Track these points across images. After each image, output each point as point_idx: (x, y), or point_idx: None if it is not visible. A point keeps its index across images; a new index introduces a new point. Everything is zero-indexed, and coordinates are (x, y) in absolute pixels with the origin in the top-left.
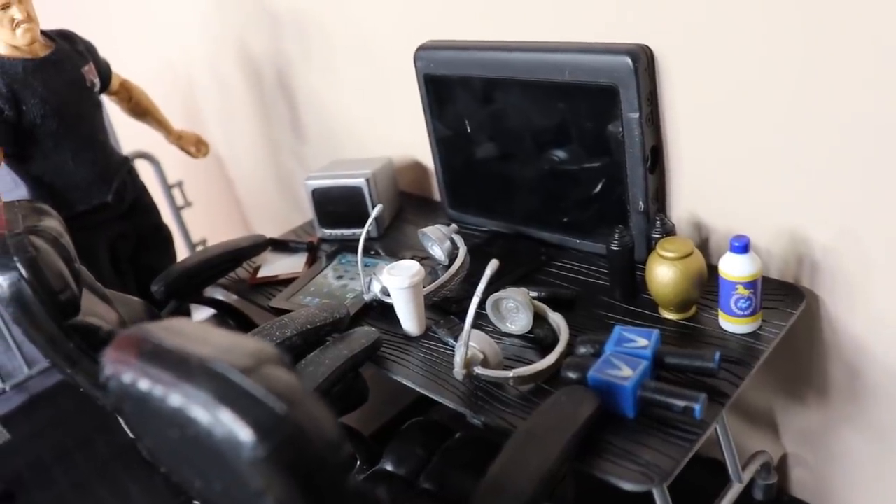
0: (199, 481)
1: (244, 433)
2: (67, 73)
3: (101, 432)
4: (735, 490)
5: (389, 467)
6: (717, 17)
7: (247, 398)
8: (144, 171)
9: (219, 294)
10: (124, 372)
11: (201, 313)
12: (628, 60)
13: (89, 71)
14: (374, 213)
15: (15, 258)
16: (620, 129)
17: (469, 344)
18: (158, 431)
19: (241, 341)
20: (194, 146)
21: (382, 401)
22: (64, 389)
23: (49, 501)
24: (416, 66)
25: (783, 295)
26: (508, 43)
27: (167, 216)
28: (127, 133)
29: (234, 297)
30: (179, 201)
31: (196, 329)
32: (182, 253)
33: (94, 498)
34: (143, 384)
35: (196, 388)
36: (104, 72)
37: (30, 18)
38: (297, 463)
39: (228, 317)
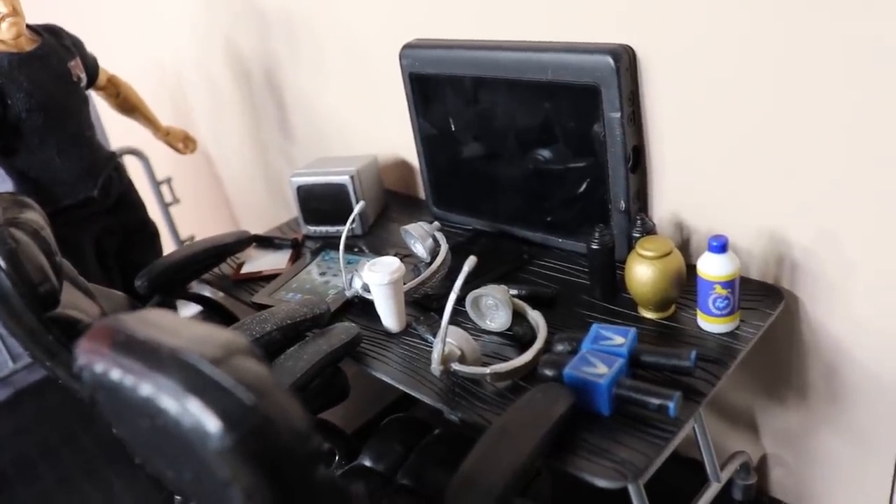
0: (171, 471)
1: (211, 423)
2: (53, 68)
3: (86, 427)
4: (713, 490)
5: (368, 463)
6: (699, 18)
7: (215, 388)
8: (133, 167)
9: (204, 290)
10: (96, 362)
11: (188, 310)
12: (610, 60)
13: (76, 66)
14: (356, 209)
15: None
16: (602, 129)
17: (447, 340)
18: (131, 421)
19: (213, 332)
20: (182, 143)
21: (366, 398)
22: (49, 384)
23: (34, 497)
24: (401, 65)
25: (762, 295)
26: (493, 42)
27: (155, 213)
28: (116, 129)
29: (218, 292)
30: (168, 198)
31: (170, 320)
32: (170, 249)
33: (78, 493)
34: (115, 374)
35: (166, 377)
36: (91, 67)
37: (15, 12)
38: (265, 453)
39: (213, 312)
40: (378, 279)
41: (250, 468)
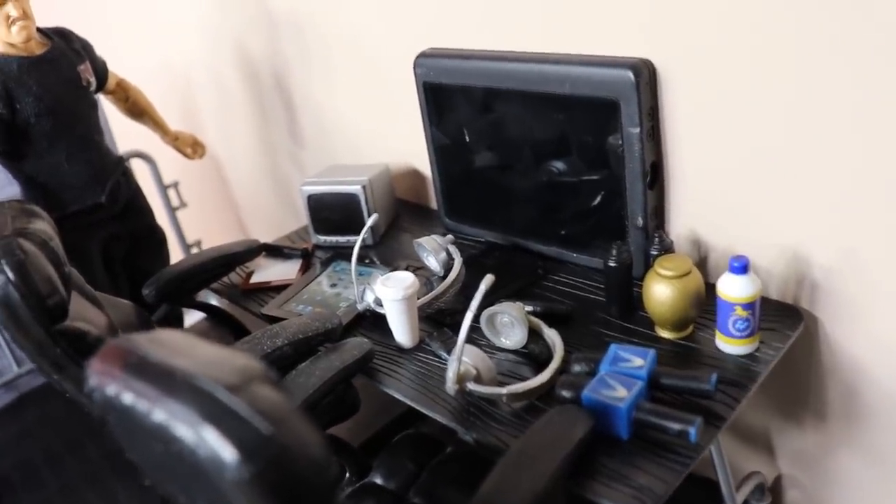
0: (184, 497)
1: (228, 453)
2: (63, 72)
3: (90, 434)
4: None
5: (379, 481)
6: (720, 33)
7: (232, 417)
8: (140, 171)
9: (212, 299)
10: (108, 384)
11: (194, 317)
12: (630, 74)
13: (85, 70)
14: (369, 222)
15: (2, 261)
16: (620, 144)
17: (462, 359)
18: (143, 445)
19: (228, 356)
20: (191, 147)
21: (374, 411)
22: (53, 389)
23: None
24: (415, 74)
25: (782, 316)
26: (510, 53)
27: (162, 217)
28: (122, 132)
29: (227, 302)
30: (175, 202)
31: (183, 341)
32: (176, 254)
33: (82, 501)
34: (127, 398)
35: (180, 404)
36: (100, 71)
37: (25, 16)
38: (283, 484)
39: (220, 322)
40: (392, 294)
41: (267, 500)
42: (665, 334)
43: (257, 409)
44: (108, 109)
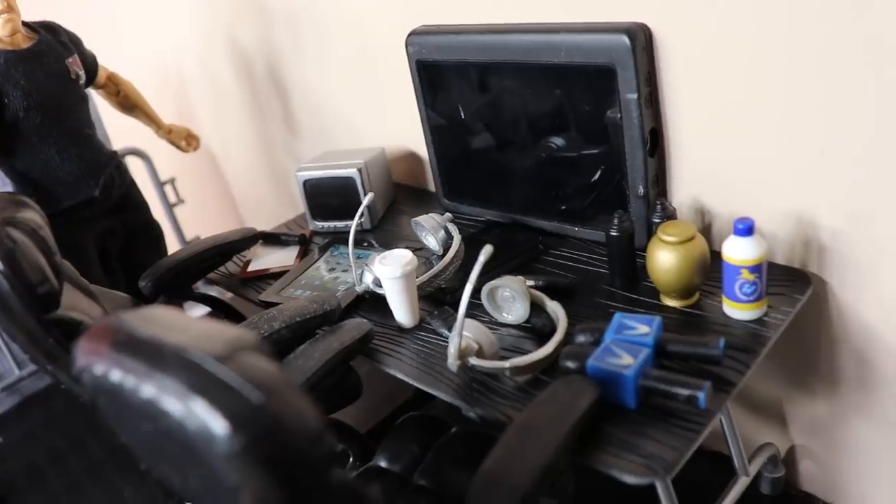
0: (178, 477)
1: (218, 424)
2: (51, 65)
3: (94, 434)
4: (741, 484)
5: (383, 464)
6: None
7: (221, 387)
8: (136, 168)
9: (212, 291)
10: (96, 363)
11: (196, 311)
12: (626, 39)
13: (74, 63)
14: (365, 202)
15: None
16: (619, 112)
17: (463, 334)
18: (133, 425)
19: (219, 329)
20: (185, 140)
21: (379, 397)
22: (56, 391)
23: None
24: (408, 52)
25: (790, 280)
26: (502, 25)
27: (160, 214)
28: (118, 130)
29: (226, 292)
30: (172, 198)
31: (174, 317)
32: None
33: (87, 500)
34: (115, 375)
35: (168, 377)
36: (90, 64)
37: (10, 9)
38: (276, 456)
39: (220, 313)
40: (390, 272)
41: (260, 472)
42: (671, 302)
43: (248, 378)
44: (101, 105)
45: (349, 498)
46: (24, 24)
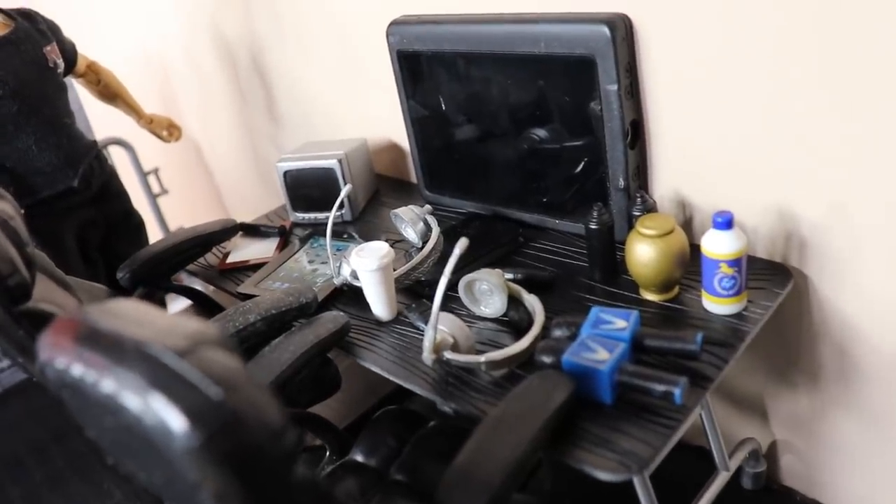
0: (143, 473)
1: (176, 421)
2: (28, 53)
3: (75, 426)
4: (722, 478)
5: (359, 458)
6: None
7: (180, 382)
8: (120, 157)
9: (195, 283)
10: (58, 357)
11: (178, 303)
12: (605, 30)
13: (51, 51)
14: (343, 192)
15: None
16: (599, 104)
17: (438, 328)
18: (97, 421)
19: (181, 323)
20: (166, 130)
21: (359, 392)
22: (36, 383)
23: (23, 496)
24: (388, 42)
25: (770, 274)
26: (483, 15)
27: (143, 204)
28: (102, 119)
29: (207, 285)
30: (155, 189)
31: (138, 311)
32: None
33: (68, 492)
34: (76, 369)
35: (128, 371)
36: (69, 52)
37: None
38: (235, 453)
39: (202, 306)
40: (366, 265)
41: (220, 469)
42: (650, 296)
43: (207, 373)
44: (84, 94)
45: (313, 495)
46: (1, 10)
